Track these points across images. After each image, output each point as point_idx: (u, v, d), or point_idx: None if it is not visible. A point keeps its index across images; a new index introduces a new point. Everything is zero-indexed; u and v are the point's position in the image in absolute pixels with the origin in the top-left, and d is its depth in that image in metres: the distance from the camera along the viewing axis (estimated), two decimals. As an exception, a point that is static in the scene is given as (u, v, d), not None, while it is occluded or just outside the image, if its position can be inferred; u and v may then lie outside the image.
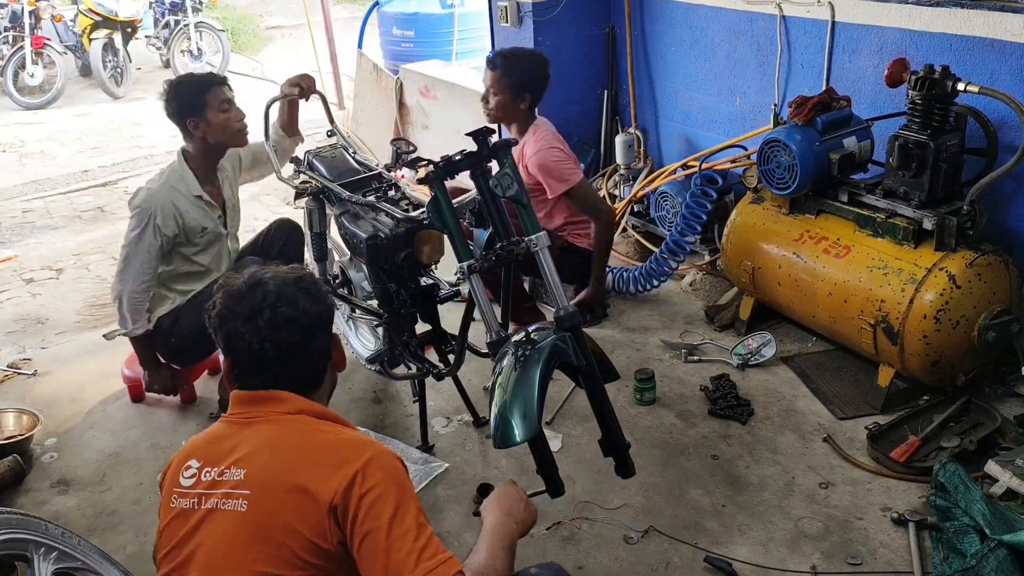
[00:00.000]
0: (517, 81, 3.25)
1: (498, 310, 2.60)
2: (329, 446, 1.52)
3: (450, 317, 3.13)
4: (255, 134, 3.26)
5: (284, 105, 3.36)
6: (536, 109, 3.43)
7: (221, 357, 1.67)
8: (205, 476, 1.53)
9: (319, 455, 1.49)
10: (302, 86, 3.25)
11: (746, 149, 3.93)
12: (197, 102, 3.00)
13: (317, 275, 3.28)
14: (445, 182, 2.40)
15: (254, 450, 1.52)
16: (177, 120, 3.06)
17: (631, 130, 4.71)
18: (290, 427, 1.55)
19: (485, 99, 3.34)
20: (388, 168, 3.15)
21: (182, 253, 3.14)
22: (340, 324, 3.66)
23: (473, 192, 2.48)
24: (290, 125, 3.43)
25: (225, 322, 1.58)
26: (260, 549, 1.44)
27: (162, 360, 3.25)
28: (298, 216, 3.52)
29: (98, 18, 9.02)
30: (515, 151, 3.30)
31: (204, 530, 1.49)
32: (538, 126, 3.37)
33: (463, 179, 2.50)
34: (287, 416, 1.56)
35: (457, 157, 2.37)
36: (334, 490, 1.43)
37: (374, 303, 3.26)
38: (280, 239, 3.42)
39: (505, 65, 3.23)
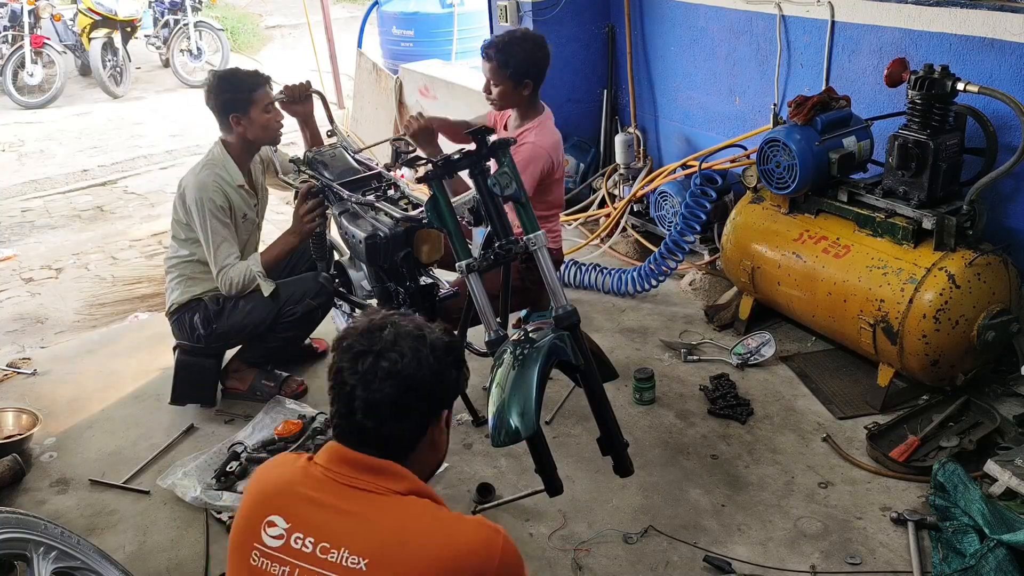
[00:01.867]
0: (515, 68, 3.12)
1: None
2: (469, 552, 1.36)
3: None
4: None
5: (301, 128, 3.44)
6: (539, 95, 3.28)
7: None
8: (296, 543, 1.37)
9: (458, 558, 1.35)
10: (291, 93, 3.29)
11: (746, 149, 3.93)
12: (243, 99, 3.04)
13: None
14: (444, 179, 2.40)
15: (380, 542, 1.34)
16: (220, 114, 3.08)
17: (631, 129, 4.71)
18: (412, 514, 1.38)
19: (487, 90, 3.24)
20: (387, 167, 3.15)
21: None
22: (340, 324, 3.67)
23: (472, 191, 2.47)
24: (313, 140, 3.46)
25: (337, 357, 1.46)
26: None
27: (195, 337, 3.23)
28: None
29: (97, 17, 9.02)
30: (513, 135, 3.23)
31: None
32: (544, 121, 3.24)
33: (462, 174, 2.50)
34: (403, 499, 1.40)
35: (456, 156, 2.37)
36: None
37: (374, 302, 3.26)
38: (303, 262, 3.46)
39: (501, 54, 3.10)
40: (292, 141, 6.91)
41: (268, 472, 1.51)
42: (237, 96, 3.04)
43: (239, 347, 3.33)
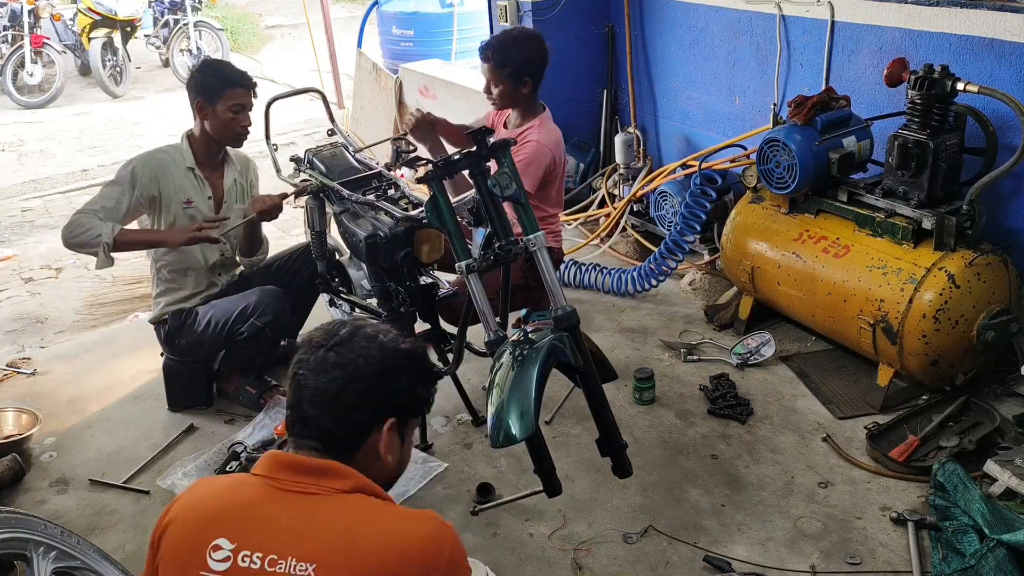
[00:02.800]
0: (513, 67, 3.12)
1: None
2: (416, 549, 1.34)
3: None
4: (255, 135, 3.26)
5: (243, 228, 3.18)
6: (538, 94, 3.28)
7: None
8: (243, 561, 1.32)
9: (404, 558, 1.33)
10: (264, 210, 3.06)
11: (745, 149, 3.93)
12: (214, 90, 3.00)
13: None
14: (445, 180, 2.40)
15: (327, 544, 1.32)
16: (190, 93, 3.08)
17: (630, 129, 4.71)
18: (358, 512, 1.37)
19: (487, 91, 3.24)
20: (388, 167, 3.15)
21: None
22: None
23: (472, 192, 2.47)
24: (250, 244, 3.30)
25: (298, 352, 1.49)
26: None
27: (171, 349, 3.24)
28: (298, 215, 3.51)
29: (97, 17, 9.02)
30: (514, 133, 3.23)
31: None
32: (545, 119, 3.24)
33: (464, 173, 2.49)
34: (347, 497, 1.38)
35: (456, 156, 2.37)
36: None
37: (373, 302, 3.26)
38: (305, 270, 3.39)
39: (498, 55, 3.11)
40: (292, 141, 6.96)
41: (206, 497, 1.44)
42: (212, 84, 3.00)
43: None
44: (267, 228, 3.47)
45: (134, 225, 3.13)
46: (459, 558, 1.40)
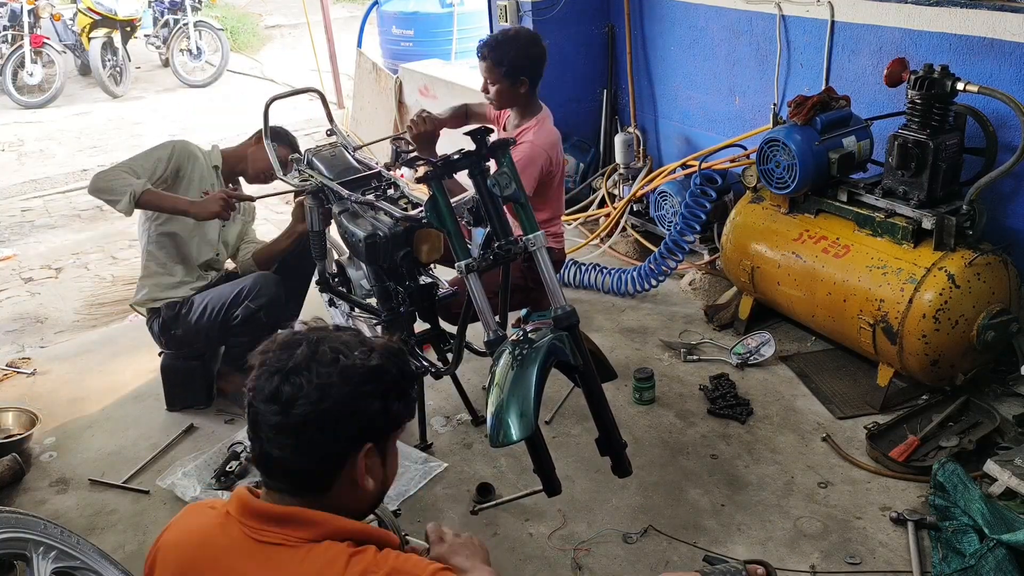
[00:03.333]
0: (510, 66, 3.11)
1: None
2: None
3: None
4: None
5: (286, 239, 3.41)
6: (537, 93, 3.28)
7: None
8: None
9: None
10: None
11: (745, 148, 3.93)
12: (281, 146, 3.25)
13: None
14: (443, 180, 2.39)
15: None
16: (262, 133, 3.25)
17: (630, 129, 4.71)
18: (323, 565, 1.25)
19: (485, 90, 3.23)
20: (387, 167, 3.14)
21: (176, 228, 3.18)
22: (339, 323, 3.66)
23: (471, 191, 2.47)
24: (272, 259, 3.41)
25: (253, 373, 1.32)
26: None
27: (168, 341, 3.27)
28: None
29: (97, 17, 9.02)
30: (512, 134, 3.24)
31: None
32: (543, 119, 3.24)
33: (460, 176, 2.49)
34: (314, 548, 1.26)
35: (455, 156, 2.37)
36: None
37: (373, 302, 3.26)
38: (293, 259, 3.43)
39: (495, 53, 3.10)
40: (292, 141, 6.95)
41: (190, 535, 1.37)
42: (283, 138, 3.29)
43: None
44: (267, 228, 3.48)
45: None
46: None
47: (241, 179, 3.38)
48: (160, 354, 3.33)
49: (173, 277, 3.21)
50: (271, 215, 4.69)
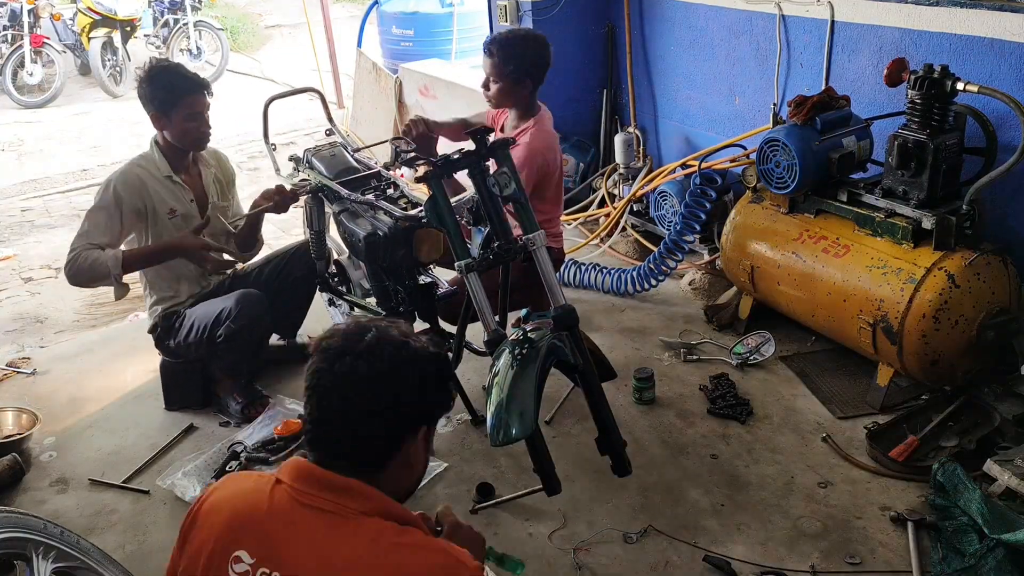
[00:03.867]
0: (516, 67, 3.12)
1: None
2: None
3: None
4: (254, 135, 3.26)
5: (248, 219, 3.21)
6: (537, 95, 3.30)
7: None
8: None
9: None
10: (276, 200, 3.09)
11: (745, 148, 3.92)
12: (167, 101, 2.93)
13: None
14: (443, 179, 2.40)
15: (334, 567, 1.28)
16: (144, 108, 3.00)
17: (630, 129, 4.71)
18: (370, 538, 1.30)
19: (486, 86, 3.23)
20: (387, 167, 3.15)
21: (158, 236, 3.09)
22: (339, 323, 3.66)
23: (471, 191, 2.48)
24: (248, 237, 3.28)
25: (316, 357, 1.38)
26: None
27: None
28: (297, 215, 3.51)
29: (97, 17, 9.02)
30: (510, 135, 3.23)
31: None
32: (540, 120, 3.25)
33: (460, 176, 2.49)
34: (365, 520, 1.32)
35: (455, 156, 2.37)
36: None
37: (372, 301, 3.26)
38: (299, 270, 3.38)
39: (503, 51, 3.11)
40: (291, 141, 6.96)
41: (234, 498, 1.41)
42: (163, 96, 2.93)
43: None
44: (266, 227, 3.48)
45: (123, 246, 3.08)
46: None
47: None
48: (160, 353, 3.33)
49: (179, 297, 3.19)
50: (268, 216, 4.68)
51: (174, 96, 2.93)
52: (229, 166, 3.36)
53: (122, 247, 3.01)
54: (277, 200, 3.09)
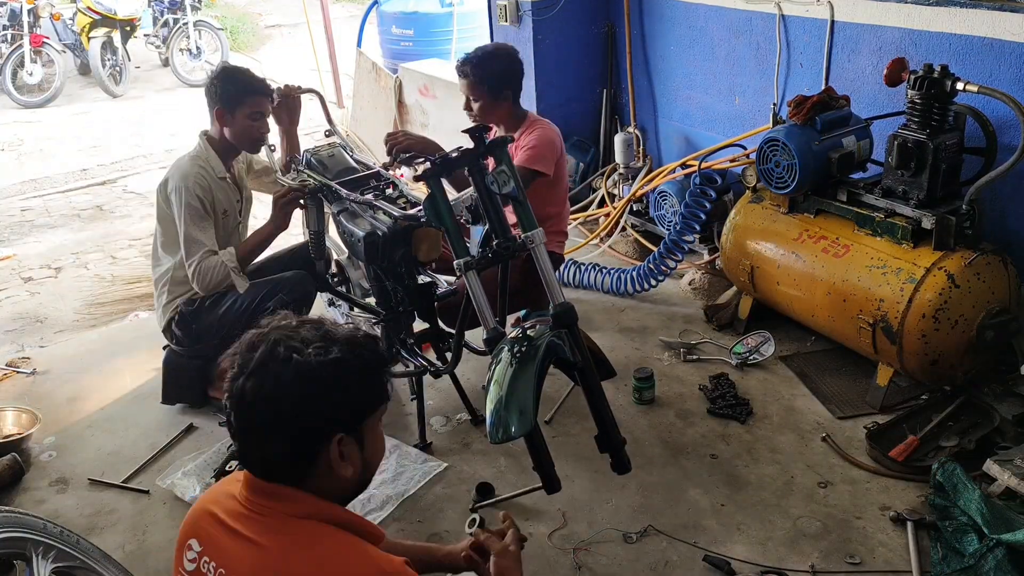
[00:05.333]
0: (493, 83, 3.18)
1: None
2: None
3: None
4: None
5: (281, 138, 3.38)
6: (520, 104, 3.32)
7: None
8: (204, 567, 1.37)
9: None
10: (286, 92, 3.25)
11: (745, 148, 3.92)
12: (234, 98, 3.04)
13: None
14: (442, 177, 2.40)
15: (263, 569, 1.31)
16: (210, 102, 3.10)
17: (630, 129, 4.71)
18: (299, 542, 1.33)
19: (468, 107, 3.27)
20: (386, 166, 3.15)
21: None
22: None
23: (470, 190, 2.47)
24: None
25: (228, 379, 1.38)
26: None
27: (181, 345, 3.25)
28: (297, 215, 3.50)
29: (97, 16, 9.03)
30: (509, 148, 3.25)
31: None
32: (535, 121, 3.28)
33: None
34: (298, 523, 1.34)
35: (454, 155, 2.37)
36: None
37: (372, 301, 3.26)
38: (297, 266, 3.37)
39: (476, 71, 3.16)
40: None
41: (210, 493, 1.48)
42: (232, 92, 3.05)
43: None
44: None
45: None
46: None
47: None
48: (165, 347, 3.32)
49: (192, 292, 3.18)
50: (265, 214, 4.68)
51: (243, 93, 3.05)
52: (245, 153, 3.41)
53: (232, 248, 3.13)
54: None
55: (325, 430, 1.35)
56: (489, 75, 3.16)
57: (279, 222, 3.14)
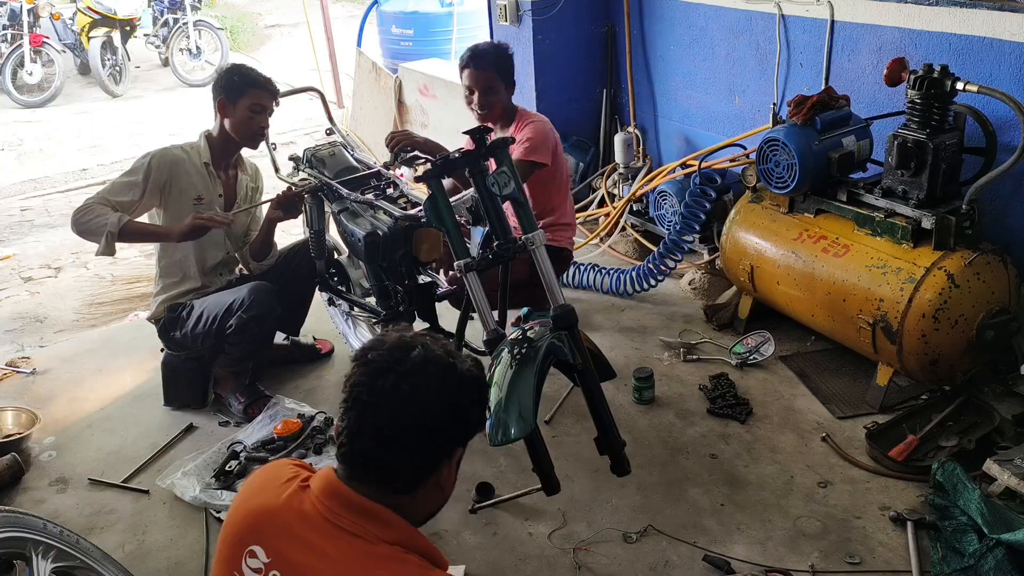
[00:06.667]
0: (509, 75, 3.22)
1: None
2: None
3: (448, 315, 3.12)
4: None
5: (264, 226, 3.28)
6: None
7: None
8: None
9: None
10: (285, 206, 3.18)
11: (745, 148, 3.93)
12: (237, 89, 3.08)
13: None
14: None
15: None
16: (214, 92, 3.14)
17: (630, 129, 4.71)
18: (384, 568, 1.27)
19: (481, 104, 3.19)
20: (386, 166, 3.15)
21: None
22: (339, 322, 3.67)
23: (471, 190, 2.48)
24: (263, 245, 3.32)
25: (357, 370, 1.33)
26: None
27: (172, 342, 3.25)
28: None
29: (97, 16, 9.03)
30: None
31: None
32: (524, 115, 3.28)
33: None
34: (384, 548, 1.28)
35: (455, 155, 2.37)
36: None
37: (372, 301, 3.26)
38: (304, 266, 3.41)
39: (498, 63, 3.16)
40: (291, 141, 6.96)
41: (259, 493, 1.40)
42: (235, 83, 3.09)
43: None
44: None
45: (144, 219, 3.14)
46: None
47: (241, 155, 3.31)
48: (162, 350, 3.33)
49: (181, 287, 3.21)
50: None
51: (245, 85, 3.09)
52: (262, 181, 3.46)
53: (134, 217, 3.07)
54: (285, 204, 3.17)
55: (457, 442, 1.36)
56: (504, 69, 3.20)
57: (184, 236, 3.06)
